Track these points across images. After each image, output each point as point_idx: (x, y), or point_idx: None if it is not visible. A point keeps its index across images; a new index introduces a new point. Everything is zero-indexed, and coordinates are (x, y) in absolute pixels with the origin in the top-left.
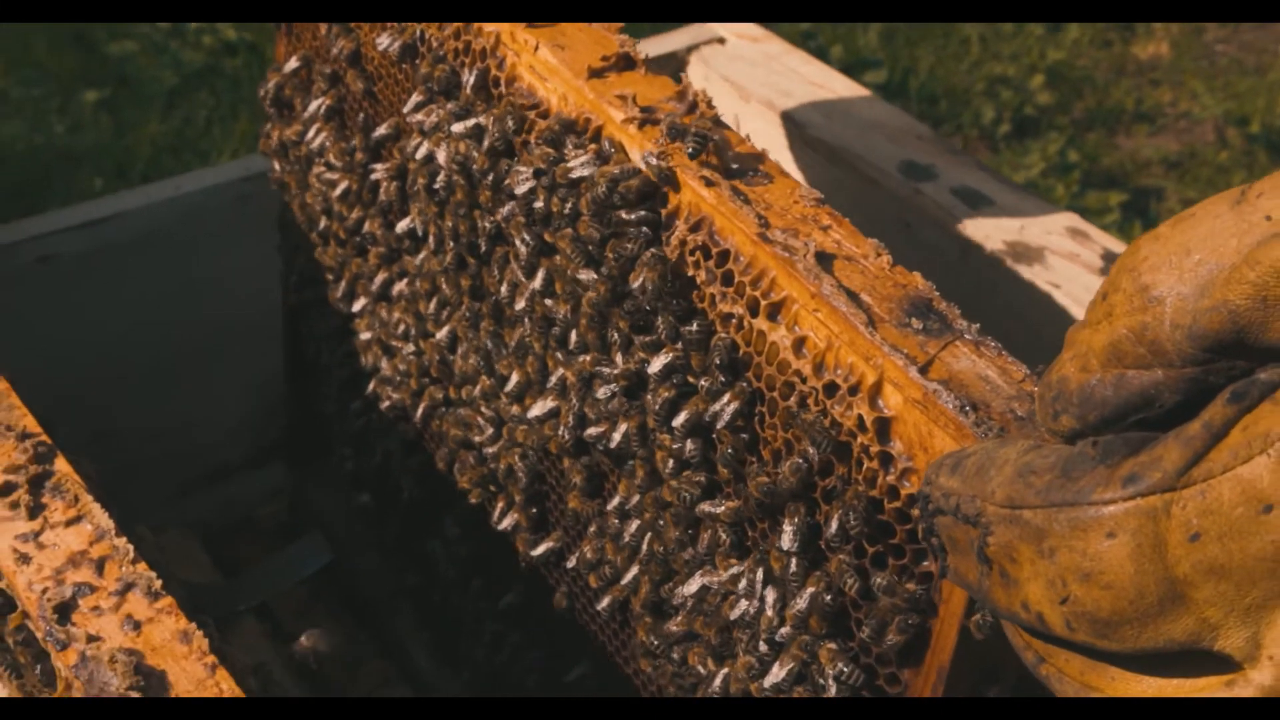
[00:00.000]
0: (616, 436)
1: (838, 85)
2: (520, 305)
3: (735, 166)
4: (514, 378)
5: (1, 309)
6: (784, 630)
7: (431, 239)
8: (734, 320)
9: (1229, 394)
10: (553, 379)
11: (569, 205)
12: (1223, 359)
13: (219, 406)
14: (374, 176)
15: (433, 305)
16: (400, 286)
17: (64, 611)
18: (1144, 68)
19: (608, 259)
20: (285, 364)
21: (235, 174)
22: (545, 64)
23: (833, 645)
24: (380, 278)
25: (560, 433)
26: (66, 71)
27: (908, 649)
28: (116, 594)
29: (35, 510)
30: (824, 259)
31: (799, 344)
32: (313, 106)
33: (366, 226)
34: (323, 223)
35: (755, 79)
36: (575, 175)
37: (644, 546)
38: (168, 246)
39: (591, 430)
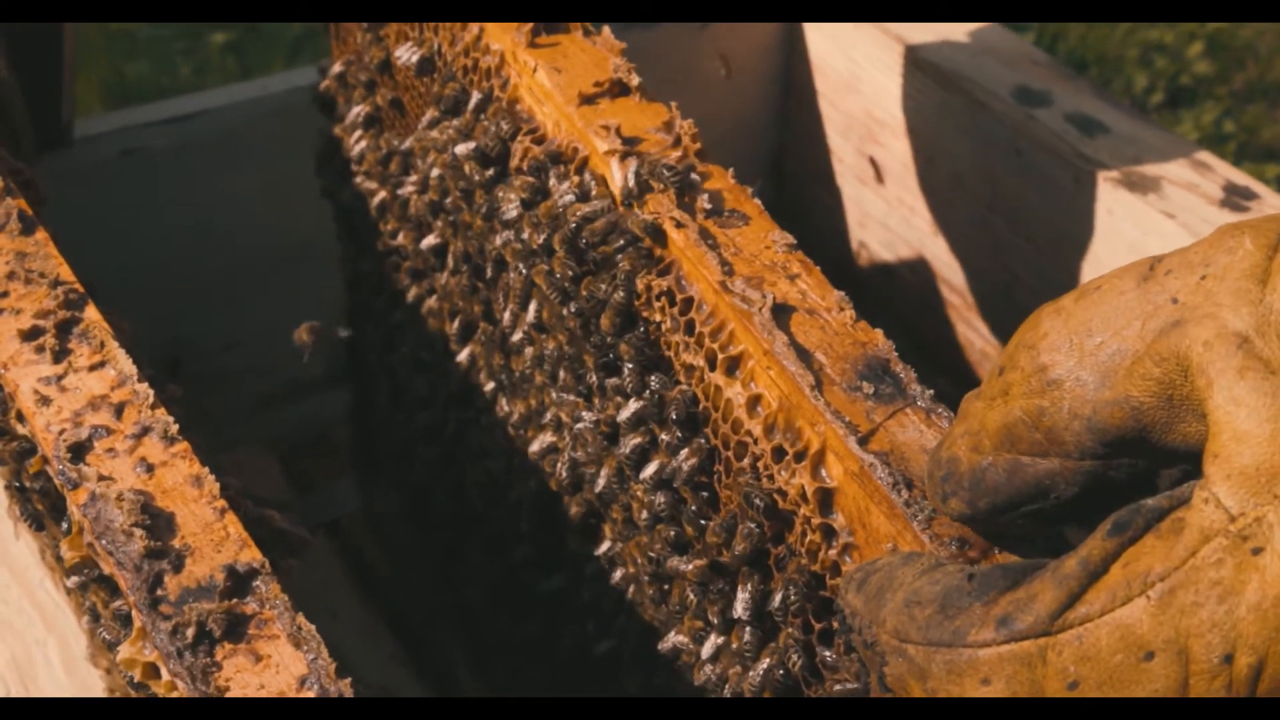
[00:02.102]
0: (601, 481)
1: None
2: (518, 336)
3: (710, 206)
4: (518, 409)
5: (84, 202)
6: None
7: (450, 258)
8: (695, 372)
9: (1110, 525)
10: (548, 415)
11: (542, 239)
12: (1124, 455)
13: (297, 321)
14: (402, 191)
15: (455, 325)
16: (430, 303)
17: (78, 452)
18: None
19: (581, 297)
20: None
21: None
22: (541, 88)
23: None
24: (413, 292)
25: (558, 469)
26: None
27: None
28: (132, 437)
29: (60, 355)
30: (783, 312)
31: (753, 403)
32: (352, 114)
33: (400, 239)
34: (365, 231)
35: None
36: (553, 210)
37: (628, 596)
38: (252, 147)
39: (581, 471)
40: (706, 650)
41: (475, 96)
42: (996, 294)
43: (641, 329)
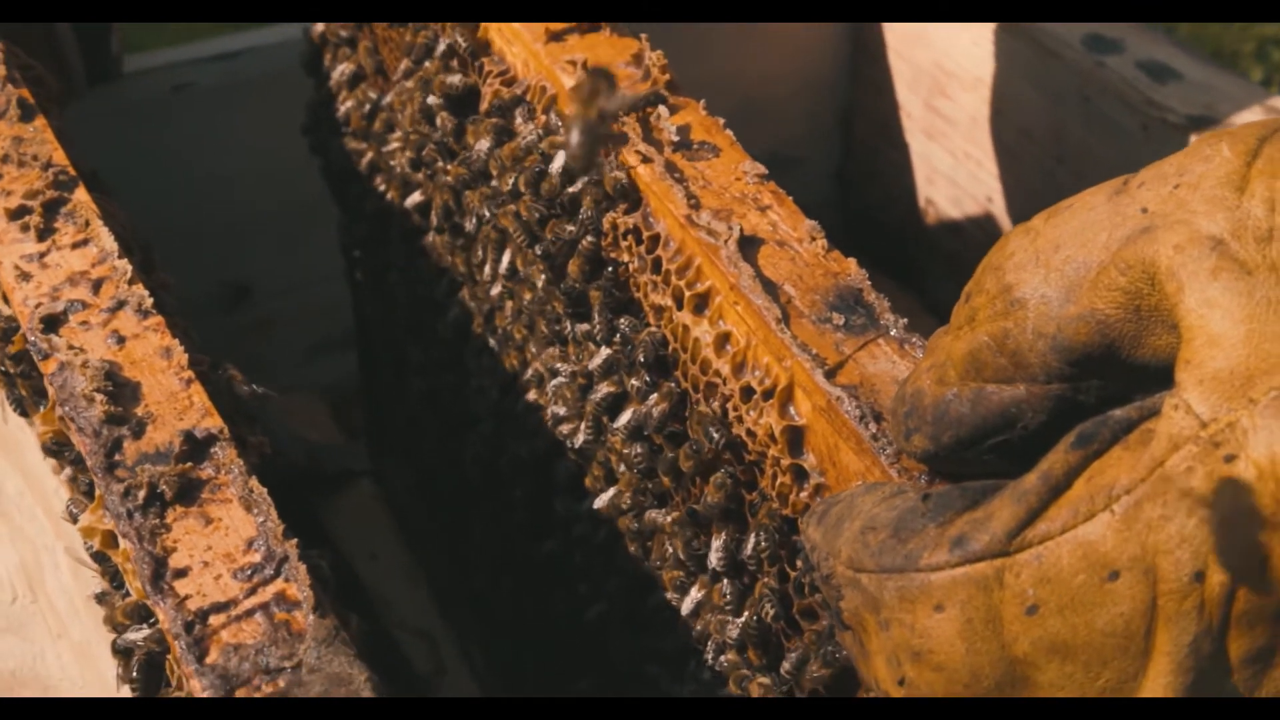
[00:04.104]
0: (580, 436)
1: None
2: (497, 290)
3: (678, 139)
4: (503, 368)
5: (136, 139)
6: (724, 658)
7: (434, 214)
8: (665, 313)
9: (1075, 436)
10: (529, 371)
11: (510, 183)
12: (1093, 375)
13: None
14: (386, 149)
15: (442, 286)
16: (420, 265)
17: (51, 323)
18: None
19: (546, 239)
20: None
21: None
22: (510, 27)
23: (765, 680)
24: (403, 254)
25: (543, 427)
26: None
27: (841, 683)
28: (107, 311)
29: (45, 233)
30: (751, 244)
31: (722, 341)
32: (337, 72)
33: (388, 199)
34: (356, 194)
35: None
36: (517, 151)
37: (614, 556)
38: (303, 86)
39: (563, 428)
40: (687, 606)
41: (443, 43)
42: None
43: (610, 270)
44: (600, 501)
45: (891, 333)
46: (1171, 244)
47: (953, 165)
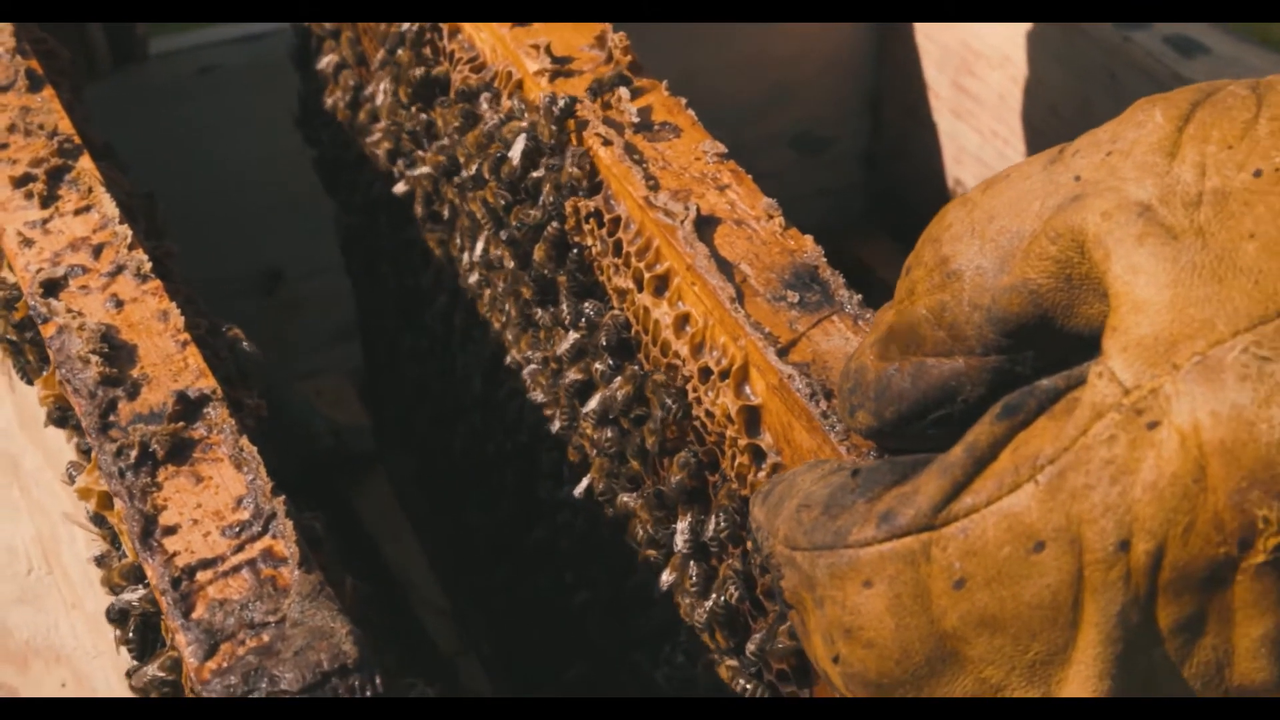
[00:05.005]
0: (556, 423)
1: None
2: (475, 278)
3: (638, 120)
4: (485, 355)
5: (163, 120)
6: (695, 640)
7: (417, 204)
8: (627, 295)
9: (1000, 408)
10: (508, 358)
11: (474, 169)
12: (1030, 346)
13: None
14: (370, 139)
15: (428, 274)
16: (409, 255)
17: (51, 288)
18: None
19: (511, 225)
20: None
21: None
22: None
23: (733, 663)
24: (391, 243)
25: (523, 415)
26: None
27: (807, 661)
28: (107, 275)
29: (48, 200)
30: (708, 224)
31: (681, 322)
32: (322, 63)
33: (376, 187)
34: (345, 184)
35: None
36: (480, 138)
37: (595, 539)
38: None
39: (540, 414)
40: (659, 589)
41: (413, 30)
42: None
43: (575, 253)
44: (578, 488)
45: (846, 309)
46: (1099, 211)
47: (981, 144)
